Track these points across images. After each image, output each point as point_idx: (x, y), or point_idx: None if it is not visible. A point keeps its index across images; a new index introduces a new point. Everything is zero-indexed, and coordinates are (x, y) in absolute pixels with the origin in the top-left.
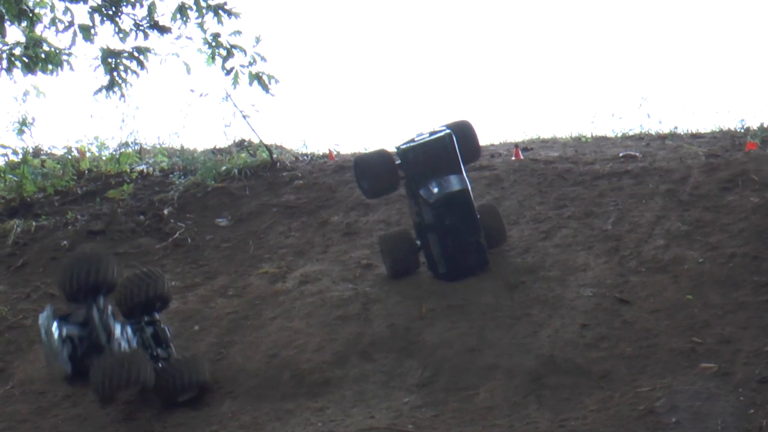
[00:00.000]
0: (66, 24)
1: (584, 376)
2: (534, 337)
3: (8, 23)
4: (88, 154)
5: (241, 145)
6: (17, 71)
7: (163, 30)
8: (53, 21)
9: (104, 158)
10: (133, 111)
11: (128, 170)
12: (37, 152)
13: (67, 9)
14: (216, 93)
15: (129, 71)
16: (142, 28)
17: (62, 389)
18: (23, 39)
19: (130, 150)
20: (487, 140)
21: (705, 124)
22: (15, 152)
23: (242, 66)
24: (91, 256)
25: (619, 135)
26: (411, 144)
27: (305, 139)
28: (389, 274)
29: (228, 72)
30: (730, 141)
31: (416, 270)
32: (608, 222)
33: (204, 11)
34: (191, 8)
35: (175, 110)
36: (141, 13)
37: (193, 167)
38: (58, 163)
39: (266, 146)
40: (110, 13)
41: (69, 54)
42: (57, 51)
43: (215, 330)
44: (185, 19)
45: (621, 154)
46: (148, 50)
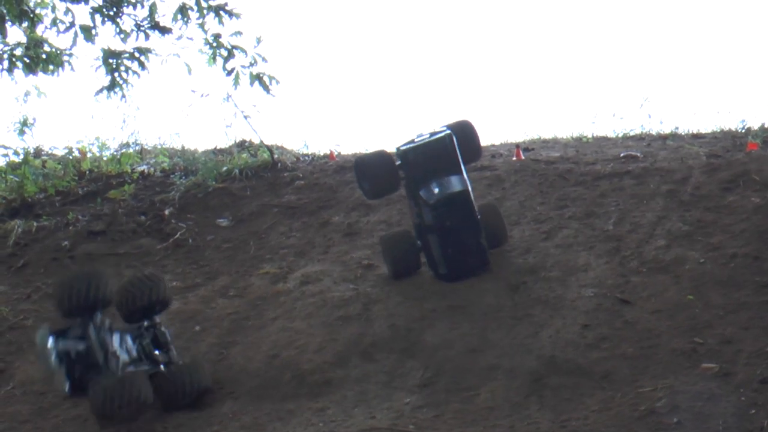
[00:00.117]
0: (67, 24)
1: (585, 377)
2: (535, 338)
3: (9, 24)
4: (89, 155)
5: (242, 146)
6: (18, 72)
7: (164, 30)
8: (54, 21)
9: (105, 159)
10: (134, 111)
11: (129, 171)
12: (38, 153)
13: (68, 9)
14: (217, 93)
15: (130, 72)
16: (143, 29)
17: None
18: (24, 39)
19: (131, 150)
20: (488, 140)
21: (706, 125)
22: (16, 153)
23: (243, 67)
24: (88, 274)
25: (620, 135)
26: (411, 145)
27: (306, 140)
28: (390, 275)
29: (229, 73)
30: (731, 141)
31: (417, 270)
32: (609, 222)
33: (205, 12)
34: (192, 9)
35: (176, 111)
36: (142, 14)
37: (194, 168)
38: (59, 164)
39: (267, 147)
40: (111, 14)
41: (70, 54)
42: (58, 51)
43: (216, 330)
44: (186, 20)
45: (622, 155)
46: (149, 51)
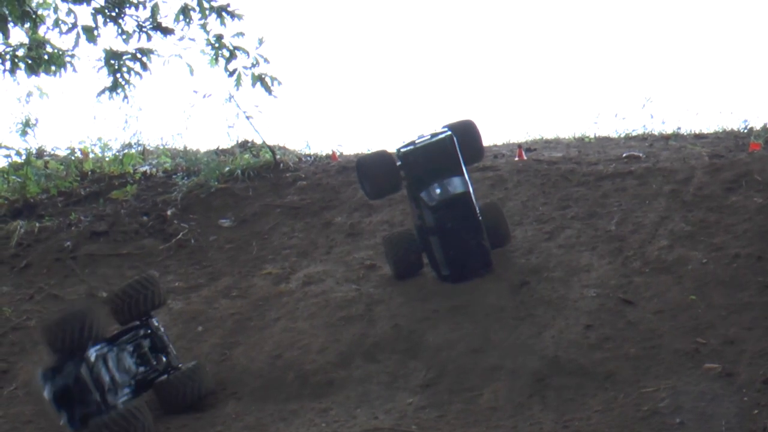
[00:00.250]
0: (69, 25)
1: (588, 377)
2: (538, 338)
3: (12, 24)
4: (92, 155)
5: (245, 146)
6: (21, 72)
7: (166, 31)
8: (56, 22)
9: (107, 159)
10: (137, 112)
11: (131, 171)
12: (41, 153)
13: (71, 10)
14: (219, 94)
15: (132, 72)
16: (145, 30)
17: None
18: (27, 40)
19: (134, 151)
20: (491, 141)
21: (708, 125)
22: (18, 153)
23: (245, 68)
24: (78, 313)
25: (623, 135)
26: (411, 146)
27: (308, 140)
28: (393, 275)
29: (231, 73)
30: (734, 141)
31: (420, 271)
32: (612, 222)
33: (207, 13)
34: (194, 10)
35: (178, 111)
36: (144, 15)
37: (197, 168)
38: (62, 164)
39: (269, 147)
40: (113, 15)
41: (72, 55)
42: (60, 52)
43: (219, 331)
44: (188, 21)
45: (624, 155)
46: (151, 51)
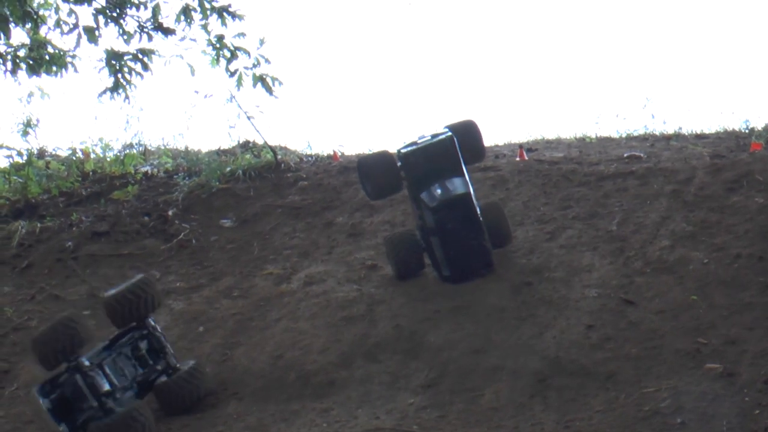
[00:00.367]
0: (70, 26)
1: (590, 377)
2: (539, 338)
3: (13, 25)
4: (93, 156)
5: (246, 146)
6: (22, 73)
7: (167, 32)
8: (58, 23)
9: (109, 159)
10: (138, 112)
11: (133, 171)
12: (42, 153)
13: (72, 11)
14: (220, 94)
15: (133, 73)
16: (147, 30)
17: None
18: (28, 41)
19: (135, 151)
20: (492, 141)
21: (709, 125)
22: (20, 153)
23: (246, 68)
24: (66, 325)
25: (624, 136)
26: (411, 147)
27: (310, 140)
28: (394, 275)
29: (232, 74)
30: (735, 141)
31: (421, 271)
32: (613, 223)
33: (208, 13)
34: (195, 10)
35: (180, 111)
36: (145, 15)
37: (198, 168)
38: (63, 165)
39: (271, 147)
40: (114, 15)
41: (73, 56)
42: (61, 53)
43: (220, 331)
44: (189, 21)
45: (626, 155)
46: (153, 52)
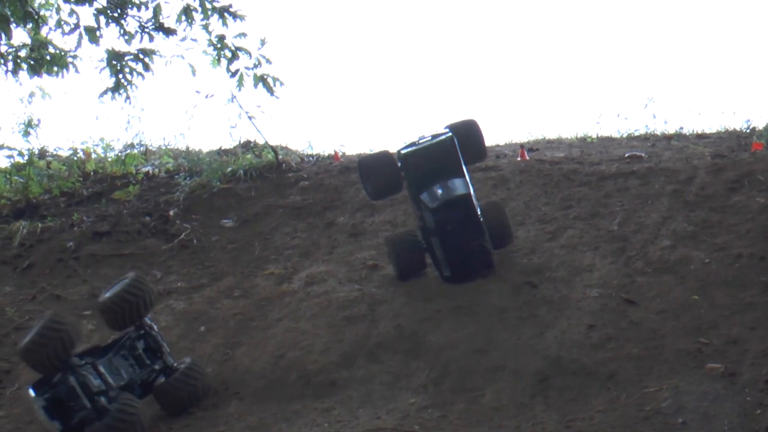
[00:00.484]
0: (71, 26)
1: (591, 377)
2: (540, 338)
3: (14, 25)
4: (94, 156)
5: (247, 146)
6: (23, 73)
7: (168, 32)
8: (59, 23)
9: (110, 160)
10: (139, 112)
11: (134, 171)
12: (43, 154)
13: (73, 11)
14: (221, 94)
15: (134, 73)
16: (148, 30)
17: None
18: (29, 41)
19: (136, 151)
20: (493, 141)
21: (711, 125)
22: (21, 154)
23: (247, 68)
24: (56, 330)
25: (625, 135)
26: (412, 148)
27: (311, 140)
28: (396, 275)
29: (233, 74)
30: (736, 141)
31: (423, 271)
32: (614, 222)
33: (209, 13)
34: (196, 10)
35: (181, 112)
36: (146, 15)
37: (199, 168)
38: (64, 165)
39: (272, 147)
40: (116, 15)
41: (74, 56)
42: (62, 53)
43: (221, 331)
44: (190, 21)
45: (627, 155)
46: (154, 52)
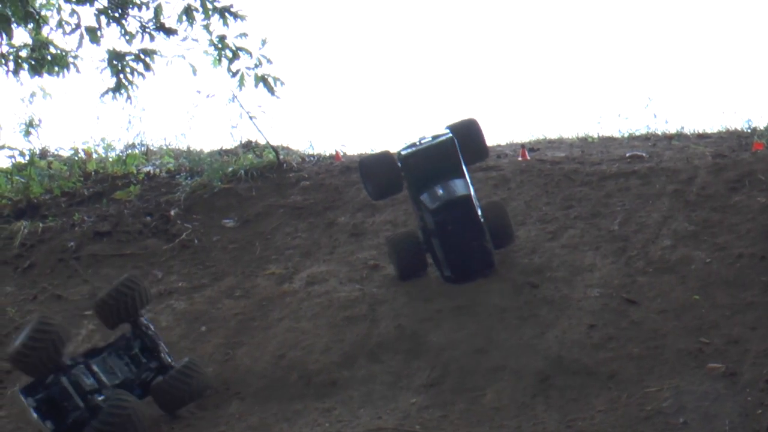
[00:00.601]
0: (72, 26)
1: (592, 377)
2: (541, 338)
3: (15, 25)
4: (95, 156)
5: (248, 146)
6: (24, 73)
7: (169, 32)
8: (60, 23)
9: (111, 160)
10: (140, 113)
11: (135, 171)
12: (44, 154)
13: (74, 11)
14: (222, 94)
15: (135, 73)
16: (148, 30)
17: None
18: (30, 41)
19: (137, 151)
20: (494, 141)
21: (711, 125)
22: (22, 154)
23: (248, 68)
24: (47, 332)
25: (626, 135)
26: (412, 149)
27: (312, 140)
28: (397, 275)
29: (234, 74)
30: (737, 141)
31: (424, 271)
32: (615, 222)
33: (210, 13)
34: (197, 10)
35: (182, 112)
36: (147, 15)
37: (200, 168)
38: (65, 165)
39: (273, 147)
40: (116, 16)
41: (75, 56)
42: (63, 53)
43: (222, 331)
44: (191, 21)
45: (628, 155)
46: (155, 52)
